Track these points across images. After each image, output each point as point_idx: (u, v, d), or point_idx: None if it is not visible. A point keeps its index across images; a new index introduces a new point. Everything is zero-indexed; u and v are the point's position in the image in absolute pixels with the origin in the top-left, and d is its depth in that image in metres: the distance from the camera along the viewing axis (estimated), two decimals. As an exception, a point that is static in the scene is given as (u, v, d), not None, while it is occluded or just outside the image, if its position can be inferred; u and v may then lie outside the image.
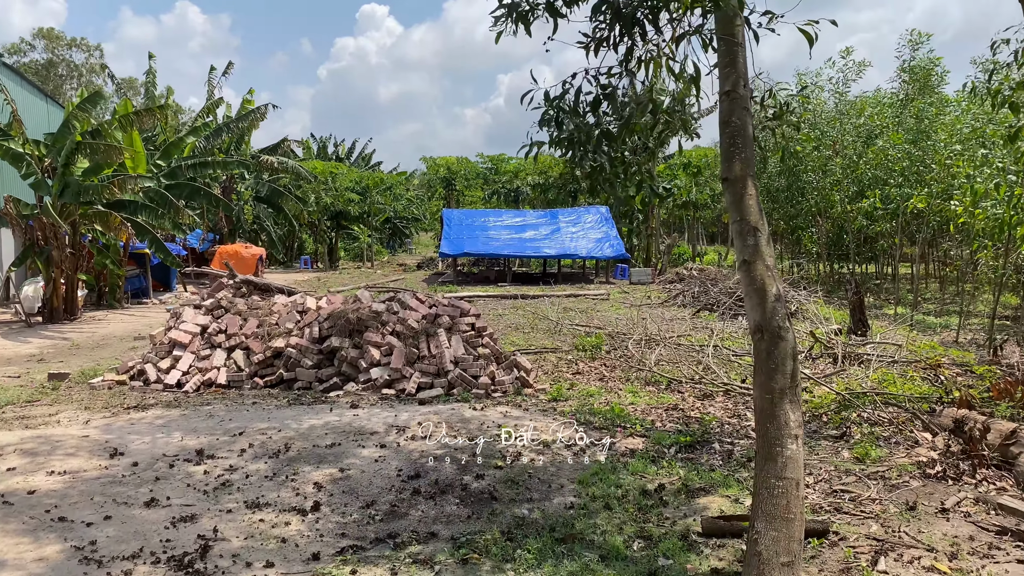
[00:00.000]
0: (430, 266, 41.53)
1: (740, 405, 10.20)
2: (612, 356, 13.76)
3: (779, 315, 5.55)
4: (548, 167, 42.98)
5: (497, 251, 30.52)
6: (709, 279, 21.02)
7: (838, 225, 28.17)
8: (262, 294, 13.35)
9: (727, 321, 17.93)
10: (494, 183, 45.88)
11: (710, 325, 17.30)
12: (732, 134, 5.92)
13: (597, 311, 20.67)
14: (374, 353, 11.07)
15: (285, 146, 36.20)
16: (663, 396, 10.73)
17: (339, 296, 12.78)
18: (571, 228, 31.97)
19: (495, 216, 33.49)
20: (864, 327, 15.63)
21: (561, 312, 20.07)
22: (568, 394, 10.75)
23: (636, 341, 14.63)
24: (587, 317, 19.20)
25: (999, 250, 17.23)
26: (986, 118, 19.33)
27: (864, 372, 11.81)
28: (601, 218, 32.80)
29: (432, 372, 10.90)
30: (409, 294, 12.45)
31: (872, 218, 22.16)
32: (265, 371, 11.61)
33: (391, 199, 47.37)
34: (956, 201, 15.09)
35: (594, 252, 30.45)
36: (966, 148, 19.93)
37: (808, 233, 28.74)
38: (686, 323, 17.79)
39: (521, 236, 31.52)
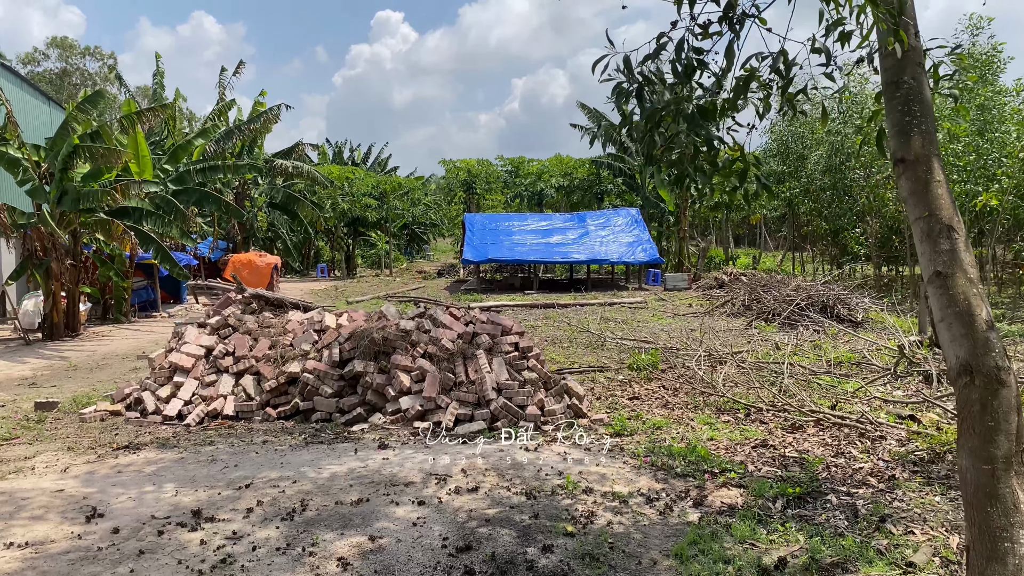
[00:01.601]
0: (451, 273, 40.00)
1: (841, 440, 8.54)
2: (670, 376, 12.12)
3: (995, 350, 3.95)
4: (572, 168, 41.38)
5: (523, 257, 28.93)
6: (760, 285, 19.33)
7: (887, 225, 26.38)
8: (275, 310, 11.83)
9: (787, 332, 16.24)
10: (516, 186, 44.28)
11: (770, 337, 15.62)
12: (906, 99, 4.30)
13: (638, 322, 19.03)
14: (403, 379, 9.51)
15: (300, 150, 34.81)
16: (745, 429, 9.09)
17: (361, 312, 11.23)
18: (600, 232, 30.33)
19: (519, 220, 31.90)
20: (948, 339, 13.87)
21: (599, 323, 18.46)
22: (632, 427, 9.14)
23: (696, 358, 12.99)
24: (630, 329, 17.57)
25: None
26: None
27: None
28: (632, 220, 31.16)
29: (471, 402, 9.32)
30: (441, 309, 10.88)
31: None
32: (278, 400, 10.09)
33: (409, 204, 45.93)
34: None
35: (626, 257, 28.80)
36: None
37: (853, 234, 26.95)
38: (741, 335, 16.12)
39: (548, 241, 29.92)
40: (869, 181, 26.06)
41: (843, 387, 11.25)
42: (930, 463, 7.64)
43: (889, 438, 8.54)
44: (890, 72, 4.35)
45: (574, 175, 41.06)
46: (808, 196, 31.64)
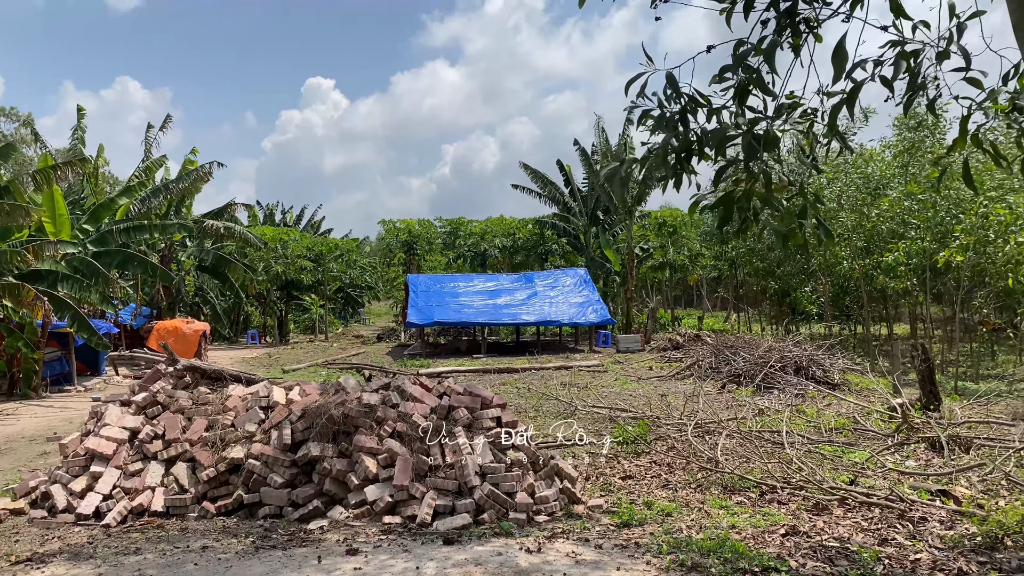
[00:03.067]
0: (391, 337, 38.38)
1: (878, 523, 7.49)
2: (660, 449, 10.99)
3: None
4: (515, 228, 40.62)
5: (471, 319, 27.70)
6: (727, 346, 18.52)
7: (838, 284, 26.20)
8: (212, 384, 10.29)
9: (765, 396, 15.37)
10: (458, 247, 43.23)
11: (748, 402, 14.70)
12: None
13: (602, 386, 17.94)
14: (369, 464, 8.12)
15: (231, 210, 33.11)
16: (766, 512, 7.97)
17: (315, 385, 9.80)
18: (549, 292, 29.38)
19: (465, 281, 30.74)
20: (937, 400, 13.21)
21: (562, 389, 17.29)
22: (639, 514, 7.91)
23: (683, 427, 11.92)
24: (595, 394, 16.44)
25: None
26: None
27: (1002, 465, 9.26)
28: (580, 280, 30.35)
29: (451, 490, 7.97)
30: (407, 379, 9.56)
31: (894, 275, 20.09)
32: (218, 492, 8.55)
33: (345, 266, 44.34)
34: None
35: (576, 318, 27.85)
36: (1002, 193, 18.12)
37: (805, 293, 26.65)
38: (718, 400, 15.16)
39: (495, 302, 28.79)
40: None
41: (848, 457, 10.30)
42: (990, 550, 6.63)
43: (930, 519, 7.54)
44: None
45: (517, 235, 40.29)
46: (755, 255, 31.47)
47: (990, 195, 17.89)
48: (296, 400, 9.21)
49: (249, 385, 10.14)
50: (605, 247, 33.84)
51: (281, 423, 8.77)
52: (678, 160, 5.30)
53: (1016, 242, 17.09)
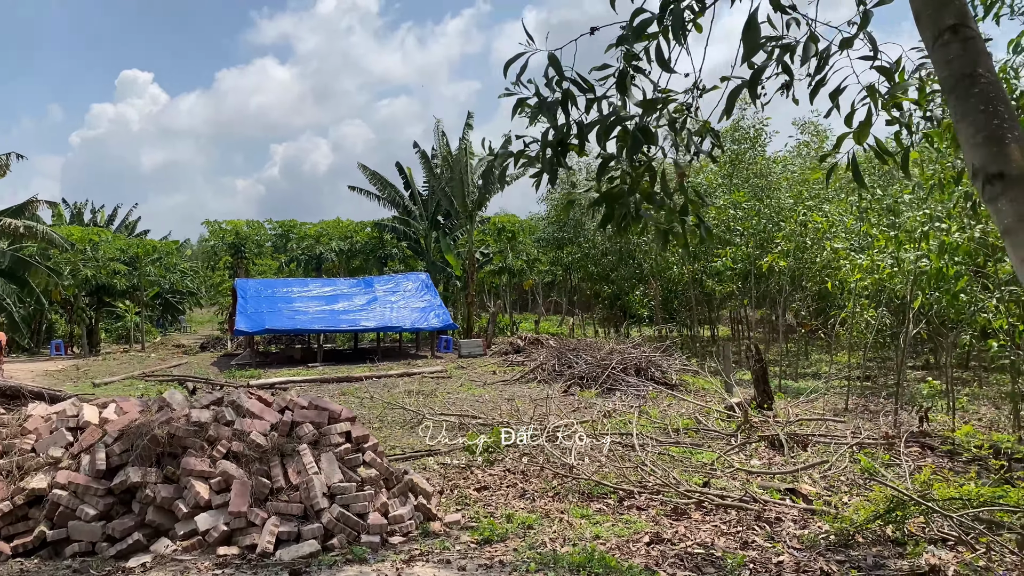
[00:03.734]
0: (217, 346, 35.99)
1: (736, 526, 7.51)
2: (513, 456, 10.67)
3: None
4: (353, 231, 39.35)
5: (306, 326, 26.39)
6: (570, 349, 18.62)
7: (667, 288, 27.25)
8: (7, 403, 8.90)
9: (608, 398, 15.50)
10: (291, 250, 41.27)
11: (594, 404, 14.76)
12: (987, 96, 3.23)
13: (447, 393, 17.50)
14: (200, 490, 7.21)
15: (32, 208, 29.77)
16: (627, 519, 7.81)
17: (135, 401, 8.67)
18: (390, 297, 28.58)
19: (300, 286, 29.30)
20: (770, 399, 13.80)
21: (406, 397, 16.69)
22: (500, 529, 7.51)
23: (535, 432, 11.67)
24: (442, 402, 15.97)
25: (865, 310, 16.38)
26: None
27: (839, 461, 9.67)
28: (422, 285, 29.76)
29: (296, 514, 7.22)
30: (243, 392, 8.66)
31: (721, 279, 21.06)
32: (15, 529, 7.32)
33: (164, 271, 41.25)
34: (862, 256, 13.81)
35: (419, 323, 27.25)
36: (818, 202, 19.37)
37: (635, 296, 27.49)
38: (563, 404, 15.12)
39: (333, 308, 27.62)
40: (651, 244, 26.80)
41: (697, 458, 10.43)
42: (845, 547, 6.78)
43: (784, 519, 7.65)
44: (959, 62, 3.30)
45: (355, 239, 39.06)
46: (589, 260, 32.19)
47: (808, 204, 19.08)
48: (112, 419, 8.08)
49: (54, 403, 8.84)
50: (446, 251, 33.48)
51: (94, 446, 7.65)
52: (554, 153, 4.95)
53: (832, 248, 18.29)
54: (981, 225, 11.56)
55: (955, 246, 11.30)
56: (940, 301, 14.21)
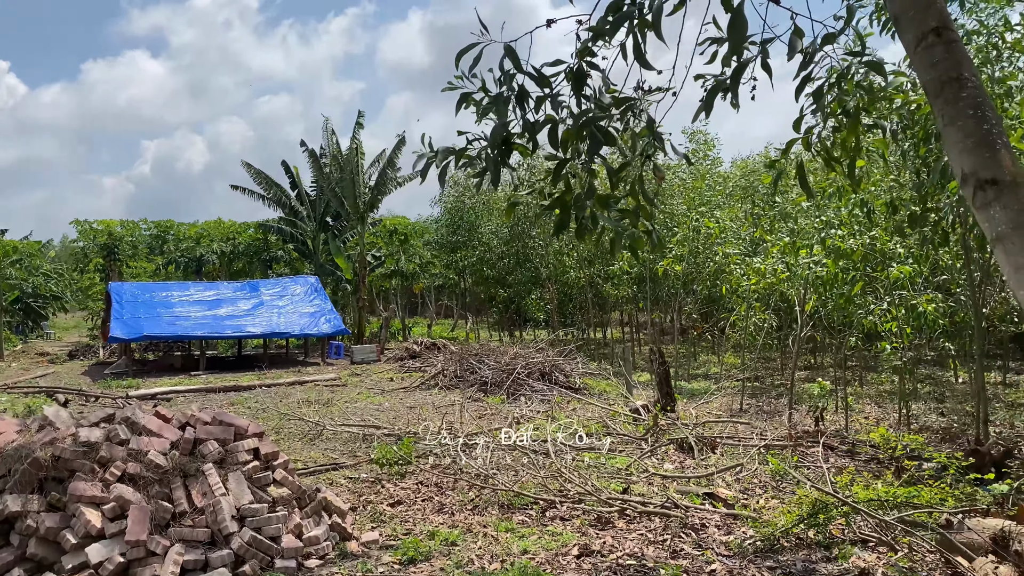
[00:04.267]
0: (87, 354, 33.53)
1: (663, 533, 7.45)
2: (425, 467, 10.30)
3: None
4: (235, 233, 37.63)
5: (188, 332, 24.94)
6: (471, 354, 18.34)
7: (564, 292, 27.46)
8: None
9: (515, 403, 15.33)
10: (169, 252, 39.03)
11: (500, 411, 14.56)
12: (975, 101, 3.20)
13: (345, 402, 16.88)
14: (91, 517, 6.51)
15: None
16: (553, 531, 7.62)
17: (12, 421, 7.78)
18: (277, 302, 27.42)
19: (180, 290, 27.69)
20: (672, 401, 14.00)
21: (302, 407, 16.00)
22: (423, 547, 7.16)
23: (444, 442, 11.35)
24: (340, 411, 15.37)
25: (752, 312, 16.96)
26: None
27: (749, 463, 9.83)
28: (311, 288, 28.73)
29: (203, 540, 6.64)
30: (139, 407, 7.93)
31: (618, 282, 21.35)
32: None
33: (26, 273, 38.24)
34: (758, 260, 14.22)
35: (309, 329, 26.27)
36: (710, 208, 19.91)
37: (532, 300, 27.56)
38: (470, 410, 14.84)
39: (216, 312, 26.24)
40: (548, 248, 26.94)
41: (611, 464, 10.39)
42: (772, 553, 6.82)
43: (709, 525, 7.66)
44: (945, 65, 3.25)
45: (238, 240, 37.37)
46: (484, 264, 32.05)
47: (700, 210, 19.58)
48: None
49: (-90, 425, 7.82)
50: (336, 254, 32.52)
51: (-38, 473, 6.79)
52: (500, 152, 4.69)
53: (724, 253, 18.82)
54: (873, 232, 12.10)
55: (849, 252, 11.76)
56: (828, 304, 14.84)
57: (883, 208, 11.19)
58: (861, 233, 11.98)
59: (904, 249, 11.97)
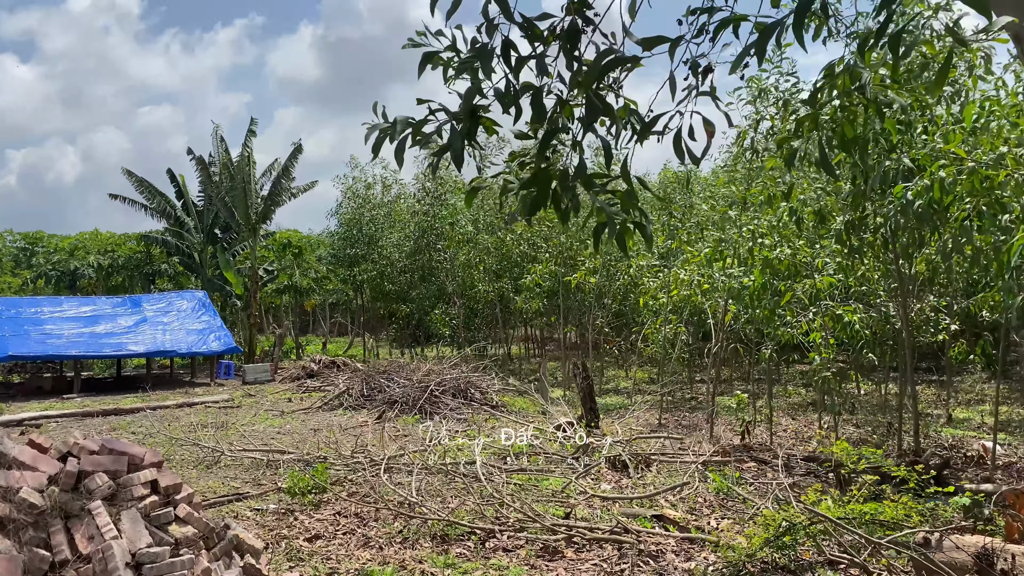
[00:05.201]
0: (-60, 377, 30.33)
1: (619, 564, 6.83)
2: (340, 495, 9.35)
3: None
4: (114, 245, 34.98)
5: (62, 351, 22.74)
6: (379, 372, 17.32)
7: (469, 306, 26.78)
8: None
9: (430, 423, 14.46)
10: (38, 265, 35.89)
11: (414, 432, 13.68)
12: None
13: (242, 425, 15.57)
14: (-55, 572, 5.32)
15: None
16: (498, 564, 6.87)
17: None
18: (162, 318, 25.46)
19: (52, 305, 25.28)
20: (596, 417, 13.51)
21: (194, 432, 14.63)
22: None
23: (359, 466, 10.40)
24: (240, 435, 14.11)
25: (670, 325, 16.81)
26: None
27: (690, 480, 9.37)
28: (199, 304, 26.88)
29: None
30: (1, 435, 6.69)
31: (531, 295, 20.85)
32: None
33: None
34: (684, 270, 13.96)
35: (196, 347, 24.49)
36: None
37: (436, 315, 26.71)
38: (381, 431, 13.88)
39: (94, 330, 24.08)
40: (455, 261, 26.22)
41: (545, 485, 9.73)
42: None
43: (666, 551, 7.09)
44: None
45: (116, 253, 34.76)
46: (385, 279, 31.00)
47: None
48: None
49: None
50: (225, 268, 30.68)
51: None
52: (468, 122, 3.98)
53: (636, 266, 18.62)
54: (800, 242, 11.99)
55: (777, 263, 11.59)
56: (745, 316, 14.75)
57: (811, 217, 11.07)
58: (791, 243, 11.85)
59: (830, 259, 11.92)
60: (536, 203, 4.06)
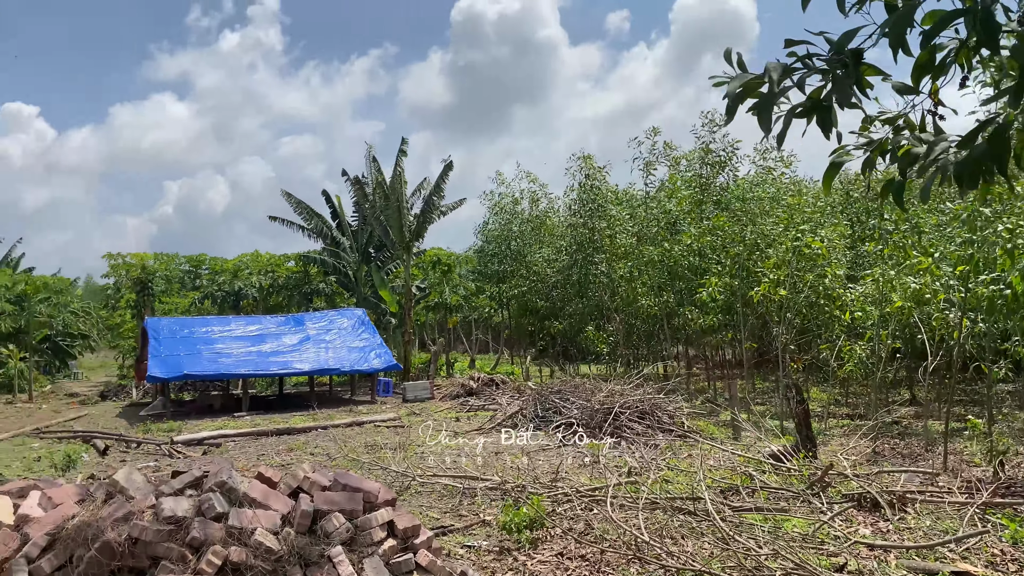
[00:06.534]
0: (120, 395, 31.98)
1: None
2: (555, 531, 8.40)
3: None
4: (274, 265, 36.09)
5: (231, 370, 23.26)
6: (552, 391, 16.44)
7: (628, 322, 25.56)
8: None
9: (619, 449, 13.40)
10: (206, 286, 37.55)
11: (604, 457, 12.65)
12: None
13: (418, 446, 15.01)
14: (184, 626, 4.68)
15: (-101, 237, 25.44)
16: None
17: (71, 488, 5.98)
18: (324, 336, 25.71)
19: (221, 325, 26.05)
20: (814, 446, 12.01)
21: (367, 453, 14.17)
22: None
23: (562, 497, 9.46)
24: (416, 458, 13.51)
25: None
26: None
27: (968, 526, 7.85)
28: (358, 322, 27.03)
29: (338, 657, 4.78)
30: (229, 466, 6.12)
31: (706, 310, 19.46)
32: None
33: (55, 310, 36.85)
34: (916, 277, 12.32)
35: (359, 364, 24.50)
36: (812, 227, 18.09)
37: (595, 333, 25.60)
38: (567, 456, 12.93)
39: (260, 349, 24.56)
40: (612, 275, 25.13)
41: (788, 528, 8.43)
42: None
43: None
44: None
45: (276, 273, 35.84)
46: (536, 294, 30.28)
47: (802, 228, 17.74)
48: (35, 516, 5.43)
49: (-61, 492, 6.06)
50: (380, 286, 30.88)
51: (9, 562, 5.00)
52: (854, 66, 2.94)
53: (834, 275, 16.94)
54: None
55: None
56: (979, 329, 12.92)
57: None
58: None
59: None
60: (976, 170, 2.91)
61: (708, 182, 22.56)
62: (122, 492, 5.61)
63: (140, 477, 5.85)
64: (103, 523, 5.15)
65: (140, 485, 5.74)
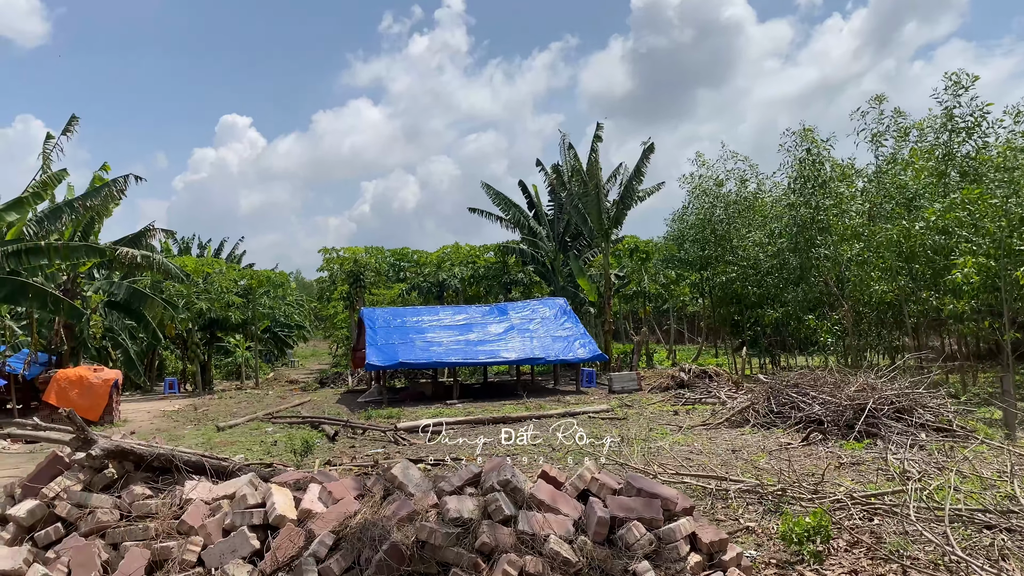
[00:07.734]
0: (337, 382, 33.73)
1: None
2: (842, 544, 7.33)
3: None
4: (475, 256, 36.75)
5: (441, 358, 23.64)
6: (789, 385, 15.11)
7: (856, 310, 23.35)
8: (155, 478, 6.14)
9: (879, 450, 11.95)
10: (411, 277, 38.97)
11: (863, 459, 11.27)
12: None
13: (645, 441, 14.24)
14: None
15: (149, 236, 28.08)
16: None
17: (348, 480, 5.75)
18: (528, 325, 25.60)
19: (430, 314, 26.66)
20: None
21: (593, 446, 13.55)
22: None
23: (838, 504, 8.34)
24: (648, 452, 12.74)
25: None
26: None
27: None
28: (560, 311, 26.72)
29: None
30: (509, 466, 5.63)
31: (959, 294, 17.20)
32: None
33: (277, 302, 39.48)
34: None
35: (563, 354, 24.15)
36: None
37: (818, 322, 23.55)
38: (816, 456, 11.67)
39: (467, 337, 24.82)
40: (838, 259, 23.10)
41: None
42: None
43: None
44: None
45: (477, 264, 36.44)
46: (748, 281, 28.52)
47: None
48: (317, 511, 5.19)
49: (221, 479, 6.03)
50: (578, 275, 30.42)
51: (298, 560, 4.75)
52: None
53: None
54: None
55: None
56: None
57: None
58: None
59: None
60: None
61: (952, 151, 20.05)
62: (400, 488, 5.27)
63: (417, 472, 5.50)
64: (388, 523, 4.80)
65: (418, 481, 5.38)
